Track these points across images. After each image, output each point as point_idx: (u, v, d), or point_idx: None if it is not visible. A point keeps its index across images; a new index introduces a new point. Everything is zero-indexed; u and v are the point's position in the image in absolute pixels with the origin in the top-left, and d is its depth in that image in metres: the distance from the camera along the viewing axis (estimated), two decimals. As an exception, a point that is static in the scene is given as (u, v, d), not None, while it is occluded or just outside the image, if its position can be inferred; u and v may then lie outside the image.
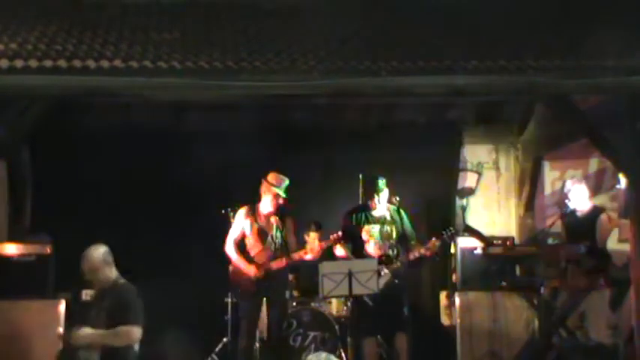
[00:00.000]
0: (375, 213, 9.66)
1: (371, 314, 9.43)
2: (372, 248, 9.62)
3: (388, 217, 9.62)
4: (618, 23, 8.58)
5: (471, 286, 10.51)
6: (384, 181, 9.65)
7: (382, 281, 9.37)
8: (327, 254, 9.97)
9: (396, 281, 9.49)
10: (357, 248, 9.71)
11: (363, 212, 9.78)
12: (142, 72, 7.80)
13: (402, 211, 9.77)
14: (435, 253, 9.65)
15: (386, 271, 9.44)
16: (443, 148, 12.07)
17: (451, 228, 9.74)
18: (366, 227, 9.66)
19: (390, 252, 9.54)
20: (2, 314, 9.65)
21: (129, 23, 9.01)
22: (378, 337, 9.87)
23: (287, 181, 9.49)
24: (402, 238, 9.66)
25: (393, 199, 9.97)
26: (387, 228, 9.57)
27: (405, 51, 8.37)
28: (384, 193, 9.62)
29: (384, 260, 9.48)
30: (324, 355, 6.82)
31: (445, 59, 8.18)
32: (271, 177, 9.48)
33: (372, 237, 9.62)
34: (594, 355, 9.02)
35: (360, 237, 9.70)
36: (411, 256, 9.46)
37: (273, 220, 9.50)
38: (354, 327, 9.86)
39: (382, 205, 9.63)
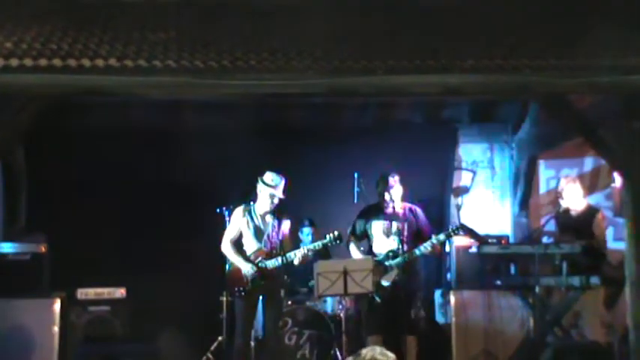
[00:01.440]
0: (387, 209, 9.64)
1: (379, 312, 9.41)
2: (377, 244, 9.63)
3: (401, 214, 9.60)
4: (614, 22, 8.58)
5: (465, 285, 10.51)
6: (396, 177, 9.63)
7: (390, 278, 9.38)
8: (325, 255, 9.99)
9: (405, 278, 9.46)
10: (369, 245, 9.73)
11: (375, 209, 9.78)
12: (137, 71, 7.79)
13: (418, 209, 9.76)
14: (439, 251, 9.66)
15: (394, 267, 9.44)
16: (438, 146, 12.12)
17: (462, 223, 9.78)
18: (374, 223, 9.66)
19: (397, 247, 9.51)
20: (-3, 313, 9.66)
21: (124, 22, 8.98)
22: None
23: (283, 182, 9.47)
24: (417, 236, 9.62)
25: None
26: (397, 224, 9.55)
27: (402, 50, 8.36)
28: (396, 190, 9.60)
29: (390, 256, 9.48)
30: (378, 349, 6.82)
31: (441, 58, 8.17)
32: (267, 177, 9.46)
33: (377, 233, 9.63)
34: (589, 354, 9.03)
35: (369, 233, 9.71)
36: (417, 252, 9.42)
37: (270, 219, 9.48)
38: (358, 323, 9.88)
39: (394, 201, 9.60)
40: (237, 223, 9.58)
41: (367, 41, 8.62)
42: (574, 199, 9.84)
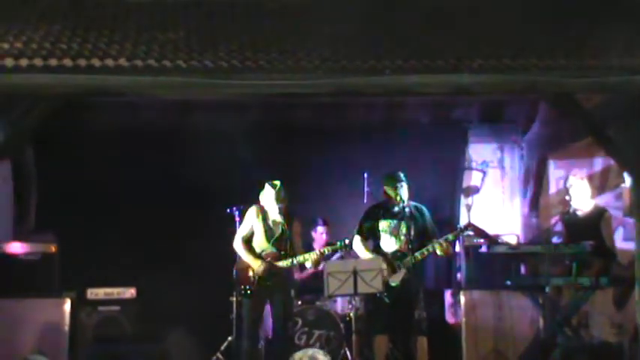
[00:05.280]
0: (394, 209, 9.64)
1: (386, 312, 9.41)
2: (384, 244, 9.62)
3: (407, 214, 9.59)
4: (622, 22, 8.58)
5: (475, 285, 10.51)
6: (403, 177, 9.60)
7: (398, 278, 9.38)
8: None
9: (412, 277, 9.46)
10: (375, 244, 9.72)
11: (381, 208, 9.76)
12: (147, 71, 7.82)
13: (423, 208, 9.74)
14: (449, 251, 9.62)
15: (402, 267, 9.44)
16: (448, 146, 12.10)
17: (470, 222, 9.80)
18: (381, 223, 9.65)
19: (405, 247, 9.50)
20: (8, 313, 9.67)
21: (134, 22, 9.01)
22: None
23: (273, 193, 9.41)
24: (423, 235, 9.62)
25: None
26: (404, 224, 9.54)
27: (410, 50, 8.37)
28: (404, 189, 9.58)
29: (398, 256, 9.48)
30: (310, 351, 6.83)
31: (450, 58, 8.18)
32: (263, 193, 9.48)
33: (384, 232, 9.62)
34: (599, 354, 9.02)
35: (376, 233, 9.70)
36: (425, 252, 9.41)
37: (279, 221, 9.46)
38: (367, 323, 9.88)
39: (402, 201, 9.58)
40: (250, 221, 9.59)
41: (375, 41, 8.63)
42: (581, 197, 9.80)
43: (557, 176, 11.84)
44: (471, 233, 10.02)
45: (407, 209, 9.58)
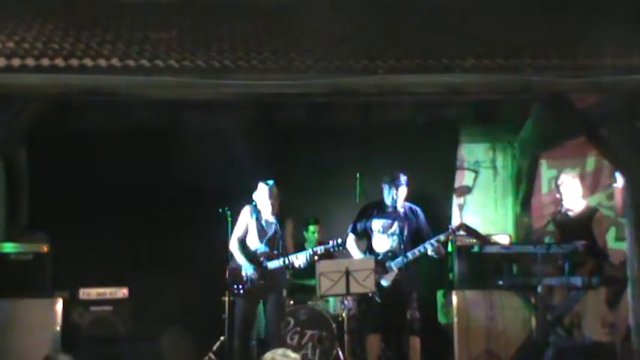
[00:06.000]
0: (387, 208, 9.64)
1: (378, 312, 9.41)
2: (377, 243, 9.63)
3: (401, 214, 9.60)
4: (616, 22, 8.58)
5: (468, 285, 10.51)
6: (404, 178, 9.62)
7: (390, 277, 9.39)
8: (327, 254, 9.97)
9: (405, 277, 9.46)
10: (368, 243, 9.73)
11: (375, 207, 9.77)
12: (139, 71, 7.82)
13: (418, 210, 9.75)
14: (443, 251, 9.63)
15: (393, 267, 9.45)
16: (440, 146, 12.08)
17: (463, 223, 9.79)
18: (374, 222, 9.66)
19: (397, 247, 9.51)
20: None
21: (126, 22, 9.00)
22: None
23: (266, 192, 9.44)
24: (416, 235, 9.63)
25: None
26: (397, 224, 9.55)
27: (403, 49, 8.37)
28: (402, 190, 9.59)
29: (390, 256, 9.48)
30: (280, 350, 6.83)
31: (442, 58, 8.18)
32: (257, 192, 9.50)
33: (377, 231, 9.62)
34: (591, 354, 9.01)
35: (369, 232, 9.70)
36: (417, 252, 9.41)
37: (272, 220, 9.47)
38: (359, 323, 9.88)
39: (399, 201, 9.60)
40: (244, 221, 9.60)
41: (368, 41, 8.63)
42: (572, 196, 9.81)
43: (549, 176, 11.87)
44: (463, 234, 10.02)
45: (401, 209, 9.60)
